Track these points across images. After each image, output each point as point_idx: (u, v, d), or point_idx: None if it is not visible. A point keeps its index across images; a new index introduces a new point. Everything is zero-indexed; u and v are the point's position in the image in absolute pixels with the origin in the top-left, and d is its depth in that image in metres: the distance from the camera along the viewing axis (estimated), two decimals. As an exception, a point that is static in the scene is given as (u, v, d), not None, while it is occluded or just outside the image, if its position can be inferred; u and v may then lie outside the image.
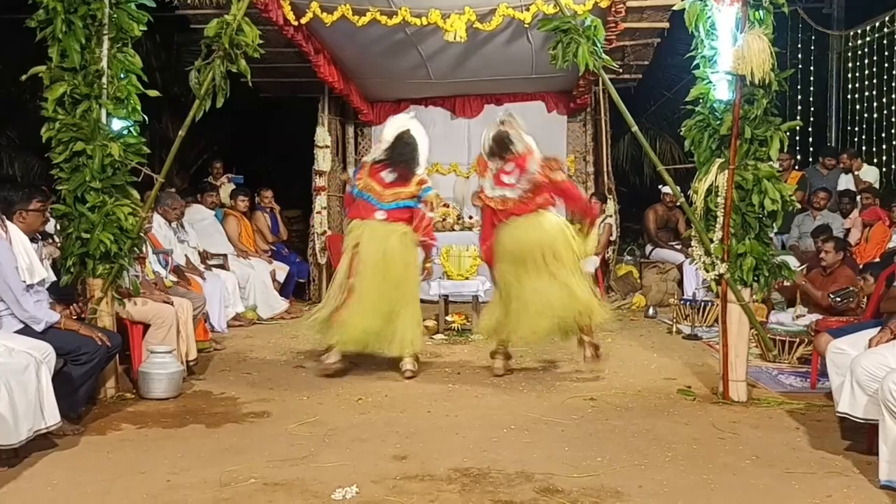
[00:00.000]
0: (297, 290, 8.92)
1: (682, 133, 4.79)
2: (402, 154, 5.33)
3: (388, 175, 5.29)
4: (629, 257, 9.43)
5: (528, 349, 5.81)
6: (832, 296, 5.63)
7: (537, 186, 5.17)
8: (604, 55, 4.89)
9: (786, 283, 5.78)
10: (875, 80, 9.35)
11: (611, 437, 4.01)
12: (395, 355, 5.30)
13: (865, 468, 3.45)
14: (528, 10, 6.30)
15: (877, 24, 9.20)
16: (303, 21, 6.50)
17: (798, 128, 5.01)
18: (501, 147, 5.28)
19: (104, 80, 4.59)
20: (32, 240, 4.29)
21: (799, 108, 9.89)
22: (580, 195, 5.57)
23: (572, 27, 4.82)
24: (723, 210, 4.53)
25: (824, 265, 6.00)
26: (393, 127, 5.49)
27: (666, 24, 7.24)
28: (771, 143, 4.49)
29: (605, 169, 9.50)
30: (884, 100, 9.20)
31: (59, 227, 4.75)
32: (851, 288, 5.56)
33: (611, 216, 8.97)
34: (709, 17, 4.55)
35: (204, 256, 7.39)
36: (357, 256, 5.18)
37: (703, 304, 7.04)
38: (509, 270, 5.17)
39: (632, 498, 3.19)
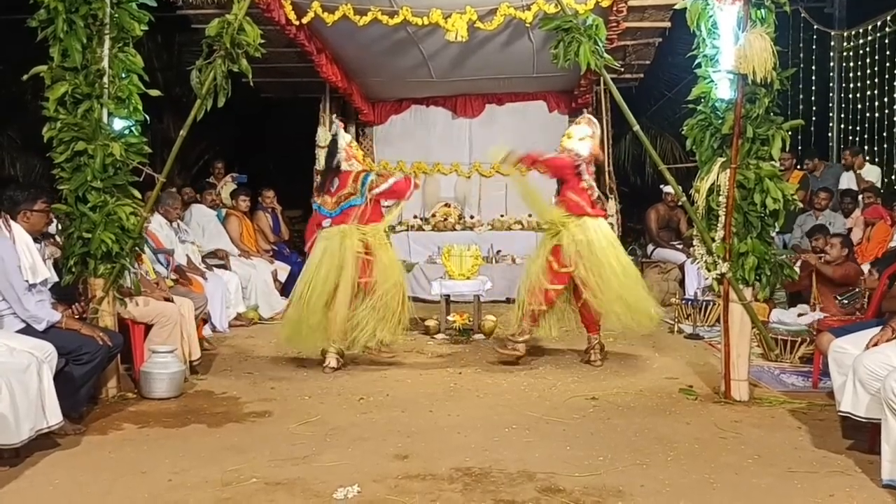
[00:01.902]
0: (298, 290, 8.90)
1: (683, 132, 4.79)
2: (329, 160, 5.66)
3: (334, 184, 5.56)
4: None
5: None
6: (839, 298, 5.64)
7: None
8: (605, 54, 4.90)
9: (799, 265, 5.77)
10: (876, 80, 9.34)
11: (612, 436, 4.00)
12: (356, 351, 5.50)
13: (868, 467, 3.45)
14: (529, 9, 6.29)
15: (878, 23, 9.20)
16: (304, 21, 6.50)
17: (800, 127, 5.00)
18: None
19: (105, 79, 4.60)
20: (35, 240, 4.29)
21: (800, 107, 9.88)
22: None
23: (574, 26, 4.83)
24: (724, 209, 4.53)
25: (829, 260, 6.02)
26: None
27: (667, 24, 7.24)
28: (773, 142, 4.49)
29: (606, 168, 9.47)
30: (885, 99, 9.19)
31: (60, 227, 4.75)
32: (857, 290, 5.57)
33: (612, 216, 8.95)
34: (710, 17, 4.55)
35: (222, 255, 7.49)
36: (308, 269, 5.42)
37: (704, 303, 7.03)
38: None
39: (634, 497, 3.19)
